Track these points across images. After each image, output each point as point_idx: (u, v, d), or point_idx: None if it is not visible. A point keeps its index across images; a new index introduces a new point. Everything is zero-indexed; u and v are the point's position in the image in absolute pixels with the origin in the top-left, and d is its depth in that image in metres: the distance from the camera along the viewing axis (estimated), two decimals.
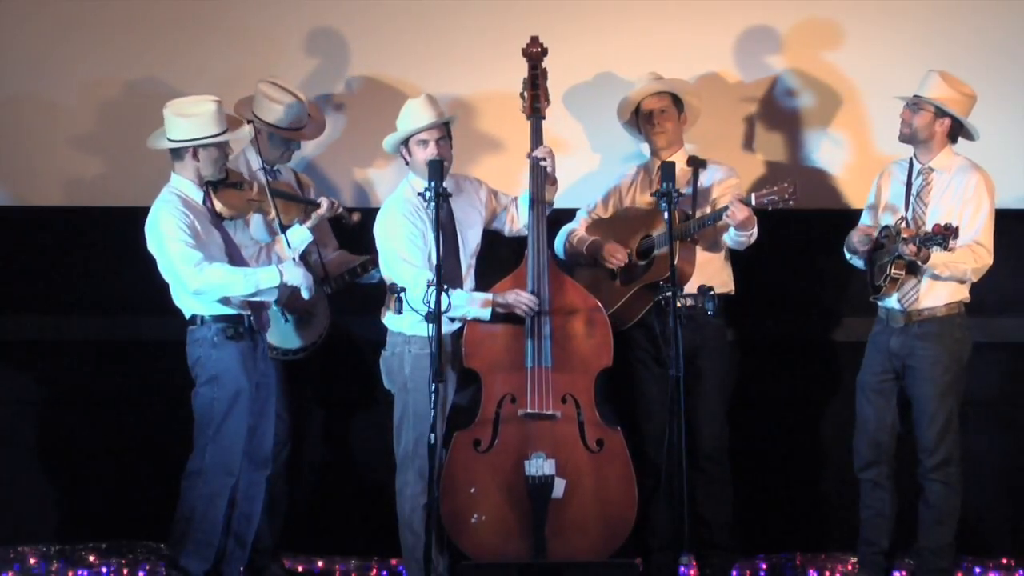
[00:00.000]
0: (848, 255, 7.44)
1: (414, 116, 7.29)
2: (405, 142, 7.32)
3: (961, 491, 7.27)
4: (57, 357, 8.09)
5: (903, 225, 7.12)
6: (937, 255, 7.03)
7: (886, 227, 7.24)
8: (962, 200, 7.22)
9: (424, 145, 7.28)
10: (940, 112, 7.23)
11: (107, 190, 8.01)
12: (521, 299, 7.26)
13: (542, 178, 7.37)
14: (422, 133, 7.27)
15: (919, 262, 7.07)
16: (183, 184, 7.08)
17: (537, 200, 7.35)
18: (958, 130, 7.30)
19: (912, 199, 7.28)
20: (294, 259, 7.21)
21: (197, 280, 6.94)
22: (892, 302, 7.27)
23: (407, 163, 7.37)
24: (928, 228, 7.09)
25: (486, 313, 7.26)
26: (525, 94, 7.46)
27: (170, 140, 7.04)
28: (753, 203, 7.18)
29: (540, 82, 7.45)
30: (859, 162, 7.90)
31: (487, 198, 7.51)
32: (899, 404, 7.33)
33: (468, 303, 7.25)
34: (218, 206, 7.16)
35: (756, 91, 7.96)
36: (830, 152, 7.93)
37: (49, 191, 8.08)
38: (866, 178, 7.64)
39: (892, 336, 7.28)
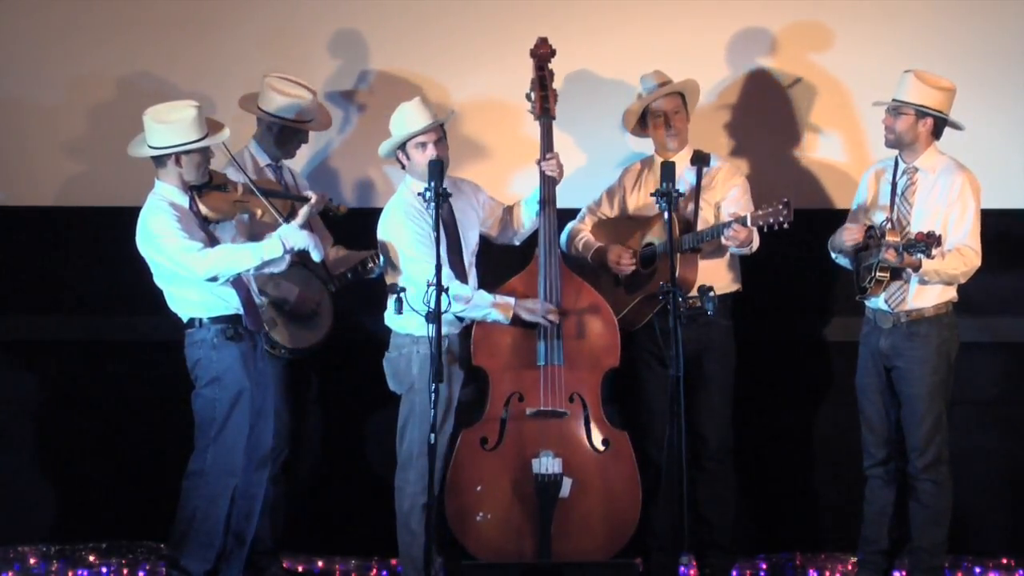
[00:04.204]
0: (834, 254, 7.42)
1: (409, 119, 7.26)
2: (402, 146, 7.31)
3: (952, 489, 7.29)
4: (57, 357, 8.07)
5: (888, 227, 7.11)
6: (928, 263, 7.02)
7: (872, 227, 7.24)
8: (948, 202, 7.20)
9: (423, 147, 7.26)
10: (921, 113, 7.22)
11: (104, 190, 7.99)
12: (548, 312, 7.26)
13: (552, 183, 7.37)
14: (420, 136, 7.25)
15: (909, 269, 7.07)
16: (167, 190, 7.05)
17: (547, 203, 7.35)
18: (942, 126, 7.27)
19: (897, 199, 7.28)
20: (297, 227, 7.06)
21: (204, 264, 6.91)
22: (879, 303, 7.26)
23: (403, 167, 7.35)
24: (912, 229, 7.10)
25: (506, 319, 7.27)
26: (533, 95, 7.44)
27: (151, 147, 7.02)
28: (749, 223, 7.18)
29: (548, 83, 7.43)
30: (859, 162, 7.89)
31: (484, 202, 7.51)
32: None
33: (489, 306, 7.25)
34: (203, 210, 7.11)
35: (753, 92, 7.97)
36: (830, 152, 7.93)
37: (45, 191, 8.07)
38: None
39: (881, 337, 7.28)
